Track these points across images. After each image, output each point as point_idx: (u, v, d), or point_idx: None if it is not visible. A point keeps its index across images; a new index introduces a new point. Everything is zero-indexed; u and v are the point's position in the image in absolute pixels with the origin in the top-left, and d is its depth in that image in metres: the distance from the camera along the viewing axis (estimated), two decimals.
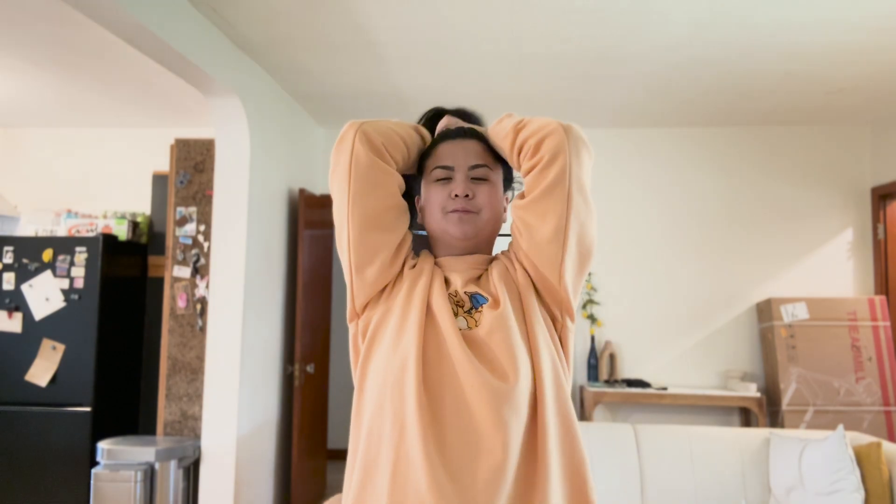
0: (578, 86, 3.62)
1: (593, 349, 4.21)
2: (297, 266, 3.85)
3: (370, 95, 3.83)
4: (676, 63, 3.25)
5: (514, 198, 1.10)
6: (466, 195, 1.09)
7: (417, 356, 0.98)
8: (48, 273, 3.54)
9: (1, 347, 3.51)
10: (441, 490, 0.91)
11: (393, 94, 3.80)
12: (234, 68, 3.11)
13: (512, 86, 3.63)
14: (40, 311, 3.53)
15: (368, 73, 3.47)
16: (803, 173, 4.27)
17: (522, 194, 1.07)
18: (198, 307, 3.42)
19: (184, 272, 3.44)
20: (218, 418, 3.16)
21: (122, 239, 3.78)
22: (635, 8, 2.66)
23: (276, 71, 3.46)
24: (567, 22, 2.80)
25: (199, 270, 3.44)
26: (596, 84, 3.59)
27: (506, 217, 1.19)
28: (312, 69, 3.42)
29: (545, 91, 3.72)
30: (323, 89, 3.75)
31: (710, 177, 4.33)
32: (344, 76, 3.51)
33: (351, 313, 1.12)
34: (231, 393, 3.16)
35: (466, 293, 1.06)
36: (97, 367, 3.49)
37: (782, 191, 4.27)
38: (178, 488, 3.10)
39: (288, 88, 3.75)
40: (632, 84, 3.57)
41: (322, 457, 4.27)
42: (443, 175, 1.12)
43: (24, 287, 3.54)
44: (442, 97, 3.74)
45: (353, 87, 3.70)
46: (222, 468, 3.14)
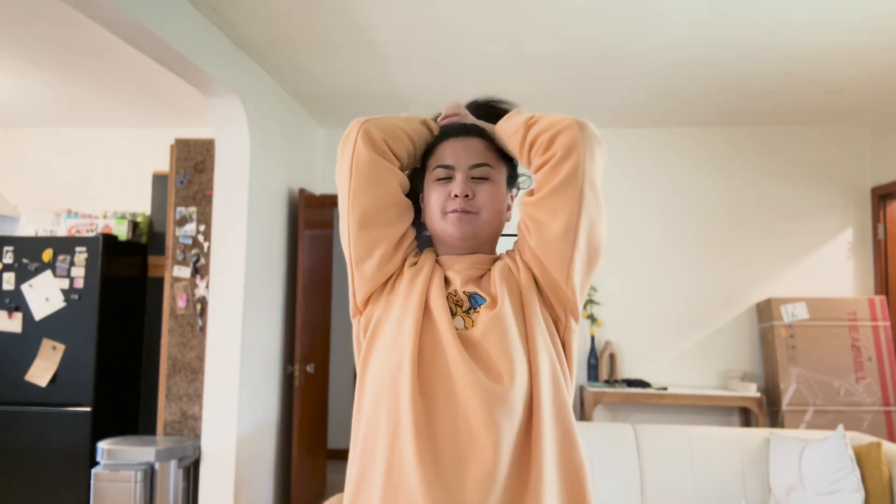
0: (578, 86, 3.62)
1: (593, 349, 4.21)
2: (297, 266, 3.85)
3: (370, 95, 3.83)
4: (676, 63, 3.25)
5: (523, 195, 1.09)
6: (466, 195, 1.08)
7: (412, 354, 0.98)
8: (48, 273, 3.54)
9: (1, 347, 3.52)
10: (432, 489, 0.90)
11: (393, 94, 3.80)
12: (234, 68, 3.11)
13: (512, 86, 3.63)
14: (40, 311, 3.53)
15: (368, 73, 3.47)
16: (803, 173, 4.27)
17: (532, 191, 1.06)
18: (198, 307, 3.42)
19: (184, 272, 3.45)
20: (218, 418, 3.16)
21: (122, 239, 3.78)
22: (635, 8, 2.66)
23: (276, 71, 3.46)
24: (567, 22, 2.80)
25: (199, 270, 3.44)
26: (596, 84, 3.59)
27: (509, 216, 1.18)
28: (312, 69, 3.42)
29: (545, 91, 3.72)
30: (323, 89, 3.75)
31: (710, 177, 4.33)
32: (344, 76, 3.52)
33: (353, 308, 1.13)
34: (231, 393, 3.16)
35: (465, 293, 1.05)
36: (97, 367, 3.49)
37: (782, 191, 4.27)
38: (178, 488, 3.10)
39: (288, 88, 3.75)
40: (632, 84, 3.57)
41: (322, 457, 4.27)
42: (443, 174, 1.11)
43: (24, 287, 3.54)
44: (442, 97, 3.74)
45: (353, 87, 3.70)
46: (222, 468, 3.14)
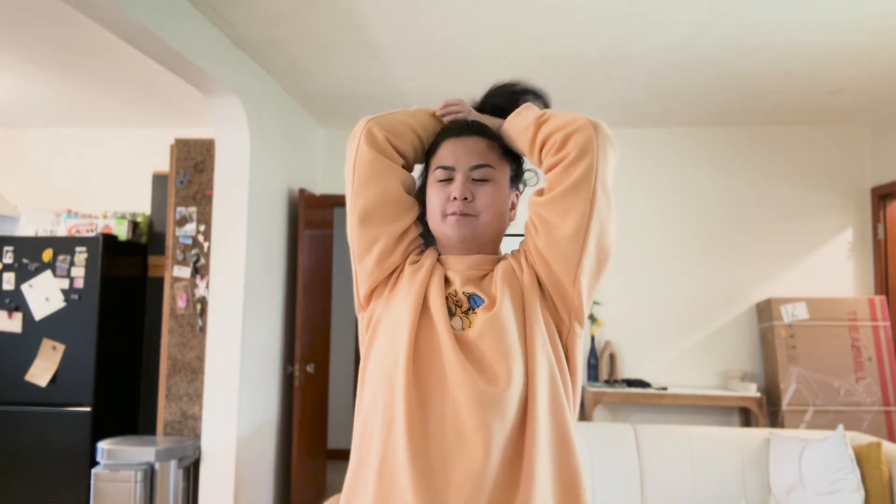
0: (578, 86, 3.62)
1: (593, 349, 4.21)
2: (297, 266, 3.85)
3: (370, 95, 3.83)
4: (676, 63, 3.25)
5: (532, 194, 1.07)
6: (465, 198, 1.07)
7: (408, 352, 0.98)
8: (48, 273, 3.54)
9: (1, 347, 3.52)
10: (422, 486, 0.91)
11: (393, 94, 3.80)
12: (234, 68, 3.11)
13: None
14: (40, 311, 3.53)
15: (368, 73, 3.47)
16: (803, 173, 4.27)
17: (541, 191, 1.05)
18: (198, 307, 3.42)
19: (184, 272, 3.45)
20: (218, 418, 3.16)
21: (122, 239, 3.78)
22: (635, 8, 2.66)
23: (276, 71, 3.46)
24: (567, 22, 2.80)
25: (199, 270, 3.44)
26: (596, 84, 3.59)
27: (514, 215, 1.16)
28: (312, 69, 3.42)
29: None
30: (323, 89, 3.75)
31: (710, 177, 4.33)
32: (344, 76, 3.52)
33: (357, 304, 1.14)
34: (231, 393, 3.16)
35: (464, 293, 1.05)
36: (97, 367, 3.49)
37: (782, 191, 4.27)
38: (178, 488, 3.10)
39: (288, 88, 3.75)
40: (632, 84, 3.57)
41: (322, 457, 4.27)
42: (443, 176, 1.10)
43: (24, 287, 3.54)
44: (442, 97, 3.73)
45: (353, 87, 3.70)
46: (222, 468, 3.14)
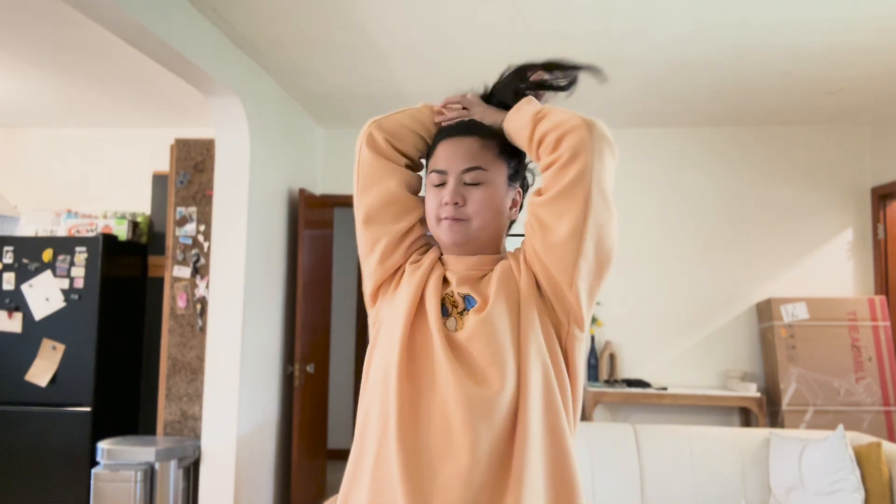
0: (578, 86, 3.62)
1: (593, 349, 4.21)
2: (297, 266, 3.85)
3: (370, 95, 3.83)
4: (676, 63, 3.25)
5: (532, 194, 1.06)
6: (456, 203, 1.06)
7: (400, 353, 1.00)
8: (48, 273, 3.54)
9: (1, 347, 3.52)
10: (411, 484, 0.92)
11: (393, 94, 3.80)
12: (234, 68, 3.11)
13: None
14: (40, 311, 3.53)
15: (368, 73, 3.47)
16: (803, 173, 4.27)
17: (540, 191, 1.04)
18: (198, 307, 3.42)
19: (184, 272, 3.45)
20: (218, 418, 3.16)
21: (122, 239, 3.78)
22: (635, 8, 2.66)
23: (276, 71, 3.46)
24: (567, 22, 2.80)
25: (199, 270, 3.44)
26: (596, 84, 3.58)
27: (515, 213, 1.15)
28: (312, 69, 3.42)
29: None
30: (323, 89, 3.75)
31: (710, 177, 4.33)
32: (344, 76, 3.52)
33: (367, 301, 1.17)
34: (231, 393, 3.16)
35: (460, 294, 1.05)
36: (97, 367, 3.49)
37: (782, 191, 4.27)
38: (178, 488, 3.10)
39: (288, 88, 3.75)
40: (632, 84, 3.57)
41: (322, 457, 4.28)
42: (437, 180, 1.10)
43: (24, 287, 3.54)
44: (442, 97, 3.73)
45: (353, 87, 3.70)
46: (222, 468, 3.14)
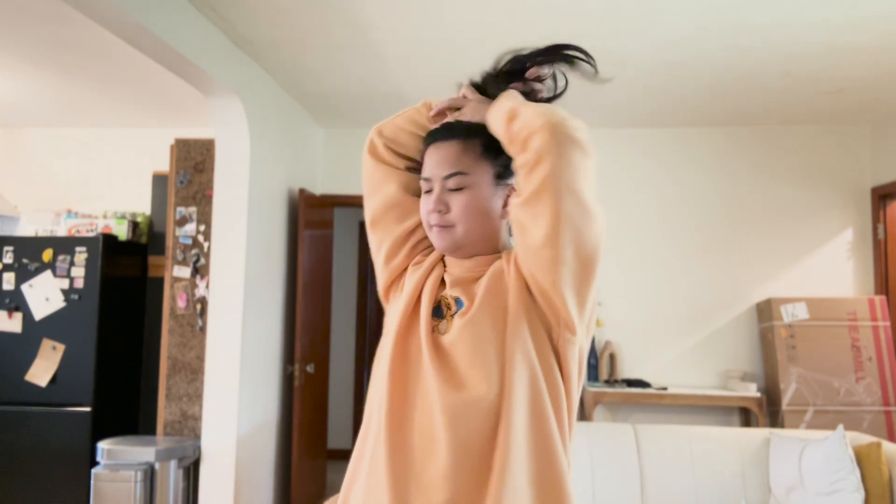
0: (578, 86, 3.62)
1: (593, 349, 4.21)
2: (297, 266, 3.85)
3: (370, 95, 3.83)
4: (676, 63, 3.25)
5: (514, 195, 1.05)
6: (440, 210, 1.07)
7: (392, 355, 1.02)
8: (48, 273, 3.54)
9: (1, 347, 3.52)
10: (397, 489, 0.93)
11: (393, 94, 3.80)
12: (234, 68, 3.11)
13: None
14: (40, 311, 3.53)
15: (368, 73, 3.47)
16: (803, 173, 4.27)
17: (519, 192, 1.02)
18: (198, 307, 3.42)
19: (184, 272, 3.45)
20: (218, 418, 3.16)
21: (122, 239, 3.78)
22: (635, 8, 2.66)
23: (276, 71, 3.46)
24: (567, 22, 2.80)
25: (199, 270, 3.44)
26: (596, 84, 3.58)
27: (506, 213, 1.13)
28: (312, 69, 3.42)
29: None
30: (323, 89, 3.75)
31: (711, 177, 4.33)
32: (344, 76, 3.52)
33: (381, 299, 1.20)
34: (231, 393, 3.16)
35: (452, 296, 1.06)
36: (97, 367, 3.49)
37: (782, 191, 4.27)
38: (178, 488, 3.10)
39: (288, 88, 3.75)
40: (632, 84, 3.57)
41: (322, 457, 4.28)
42: (426, 187, 1.11)
43: (24, 287, 3.54)
44: (442, 97, 3.73)
45: (353, 87, 3.70)
46: (222, 468, 3.14)
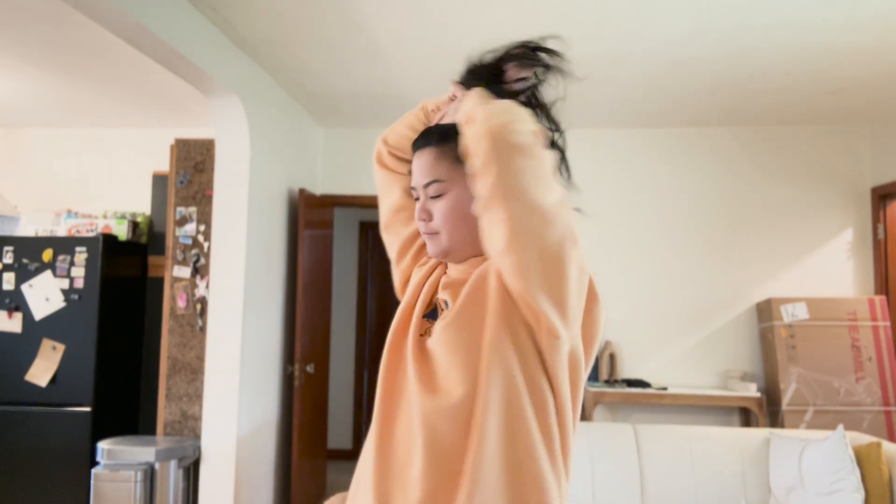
0: (578, 86, 3.62)
1: None
2: (297, 266, 3.85)
3: (370, 95, 3.83)
4: (676, 63, 3.25)
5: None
6: (423, 219, 1.08)
7: (387, 354, 1.05)
8: (48, 273, 3.54)
9: (1, 347, 3.52)
10: (379, 486, 0.95)
11: (393, 94, 3.80)
12: (234, 68, 3.11)
13: None
14: (40, 311, 3.53)
15: (368, 73, 3.47)
16: (803, 173, 4.27)
17: None
18: (198, 307, 3.42)
19: (184, 272, 3.44)
20: (218, 418, 3.16)
21: (122, 239, 3.78)
22: (635, 8, 2.66)
23: (276, 71, 3.46)
24: (567, 22, 2.80)
25: (199, 270, 3.44)
26: (596, 84, 3.59)
27: None
28: (312, 69, 3.42)
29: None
30: (323, 89, 3.75)
31: (710, 177, 4.33)
32: (344, 76, 3.52)
33: (398, 297, 1.23)
34: (231, 393, 3.16)
35: (443, 299, 1.07)
36: (97, 367, 3.49)
37: (782, 191, 4.27)
38: (178, 488, 3.10)
39: (288, 88, 3.75)
40: (632, 84, 3.57)
41: (322, 457, 4.28)
42: (414, 196, 1.12)
43: (24, 287, 3.54)
44: (442, 97, 3.73)
45: (353, 87, 3.70)
46: (222, 468, 3.14)
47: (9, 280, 3.55)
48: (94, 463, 3.19)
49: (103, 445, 3.08)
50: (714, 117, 4.15)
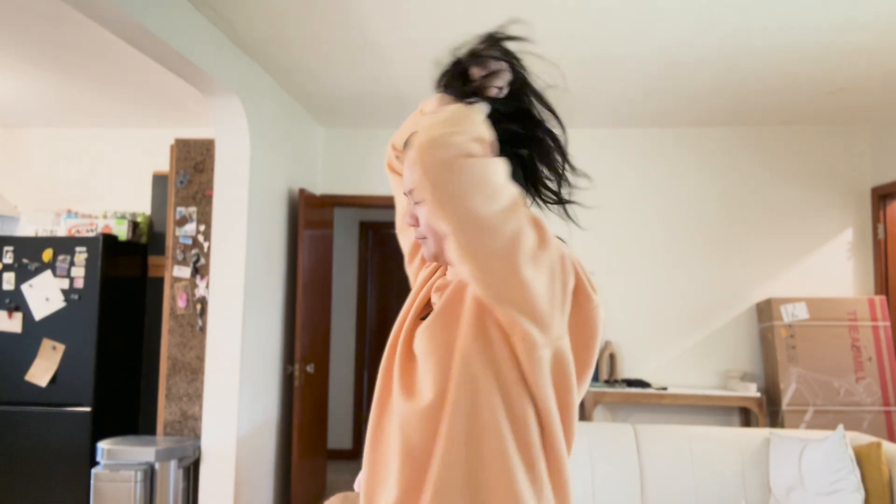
0: (578, 86, 3.62)
1: None
2: (297, 266, 3.85)
3: (370, 95, 3.83)
4: (676, 63, 3.25)
5: None
6: (412, 224, 1.09)
7: (386, 356, 1.07)
8: (48, 273, 3.54)
9: (1, 347, 3.52)
10: (368, 482, 1.00)
11: (393, 94, 3.80)
12: (234, 68, 3.11)
13: None
14: (40, 311, 3.53)
15: (368, 73, 3.47)
16: (803, 173, 4.27)
17: None
18: (198, 307, 3.42)
19: (184, 272, 3.45)
20: (218, 418, 3.16)
21: (122, 239, 3.78)
22: (635, 8, 2.66)
23: (276, 71, 3.46)
24: (567, 22, 2.80)
25: (199, 270, 3.44)
26: (596, 84, 3.59)
27: None
28: (312, 69, 3.42)
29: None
30: (323, 89, 3.75)
31: (710, 177, 4.33)
32: (344, 76, 3.52)
33: None
34: (231, 393, 3.16)
35: (434, 301, 1.08)
36: (97, 367, 3.49)
37: (782, 191, 4.27)
38: (178, 488, 3.10)
39: (288, 88, 3.75)
40: (632, 84, 3.57)
41: (322, 457, 4.28)
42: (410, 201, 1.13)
43: (24, 287, 3.54)
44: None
45: (353, 87, 3.70)
46: (222, 468, 3.14)
47: (9, 280, 3.55)
48: (94, 463, 3.19)
49: (103, 445, 3.08)
50: (714, 117, 4.15)
